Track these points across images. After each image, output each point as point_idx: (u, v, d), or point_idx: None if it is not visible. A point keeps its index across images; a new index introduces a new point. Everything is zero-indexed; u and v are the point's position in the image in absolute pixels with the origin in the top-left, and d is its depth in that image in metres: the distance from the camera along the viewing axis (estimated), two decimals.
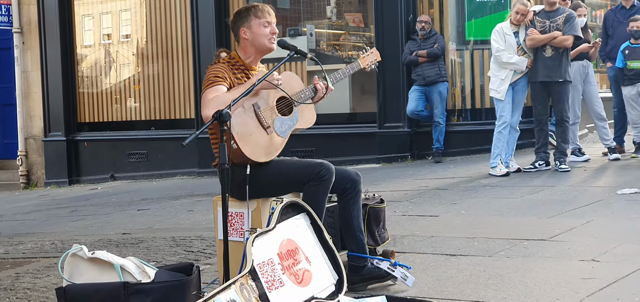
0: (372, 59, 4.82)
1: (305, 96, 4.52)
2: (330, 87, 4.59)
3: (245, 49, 4.53)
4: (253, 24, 4.48)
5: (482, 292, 4.19)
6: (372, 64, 4.82)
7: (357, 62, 4.81)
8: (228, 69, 4.41)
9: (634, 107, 9.51)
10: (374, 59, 4.83)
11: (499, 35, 8.75)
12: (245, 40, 4.51)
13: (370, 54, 4.83)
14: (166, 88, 13.17)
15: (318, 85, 4.55)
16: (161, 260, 5.69)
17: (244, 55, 4.53)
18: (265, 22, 4.49)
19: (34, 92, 14.22)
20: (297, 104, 4.49)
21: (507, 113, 8.69)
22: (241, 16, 4.54)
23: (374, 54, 4.84)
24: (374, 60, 4.83)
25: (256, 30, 4.48)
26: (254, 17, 4.49)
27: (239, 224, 4.36)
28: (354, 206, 4.48)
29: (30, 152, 14.49)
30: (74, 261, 3.79)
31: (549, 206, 6.73)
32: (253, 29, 4.48)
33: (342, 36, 12.52)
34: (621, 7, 10.18)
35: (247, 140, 4.28)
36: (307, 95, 4.53)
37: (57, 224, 8.66)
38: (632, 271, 4.43)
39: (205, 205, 8.33)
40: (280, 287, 3.78)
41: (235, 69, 4.45)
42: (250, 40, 4.50)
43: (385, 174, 10.02)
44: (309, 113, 4.60)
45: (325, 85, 4.57)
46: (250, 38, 4.49)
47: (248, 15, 4.51)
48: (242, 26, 4.51)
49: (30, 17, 14.15)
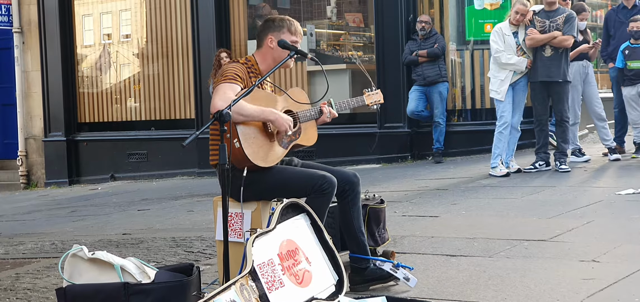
0: (376, 99, 4.94)
1: (310, 115, 4.58)
2: (335, 113, 4.66)
3: (265, 57, 4.53)
4: (283, 37, 4.48)
5: (482, 293, 4.19)
6: (375, 103, 4.93)
7: (362, 98, 4.91)
8: (246, 71, 4.42)
9: (634, 107, 9.51)
10: (378, 100, 4.94)
11: (498, 35, 8.75)
12: (269, 49, 4.51)
13: (374, 93, 4.94)
14: (166, 88, 13.17)
15: (324, 109, 4.61)
16: (161, 260, 5.69)
17: (261, 62, 4.53)
18: (295, 40, 4.51)
19: (34, 92, 14.23)
20: (302, 120, 4.54)
21: (507, 113, 8.68)
22: (274, 25, 4.53)
23: (379, 95, 4.95)
24: (377, 101, 4.94)
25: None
26: (287, 31, 4.50)
27: (239, 224, 4.36)
28: (353, 207, 4.48)
29: (30, 152, 14.49)
30: (74, 262, 3.79)
31: (549, 207, 6.72)
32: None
33: (342, 36, 12.52)
34: (622, 7, 10.17)
35: (249, 142, 4.29)
36: (312, 115, 4.59)
37: (57, 224, 8.66)
38: (633, 272, 4.43)
39: (206, 205, 8.33)
40: (281, 288, 3.78)
41: (251, 73, 4.46)
42: (273, 51, 4.50)
43: (385, 174, 10.02)
44: (312, 132, 4.65)
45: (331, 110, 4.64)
46: (274, 48, 4.49)
47: (281, 27, 4.51)
48: (271, 34, 4.51)
49: (31, 17, 14.16)
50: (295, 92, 4.60)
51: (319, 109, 4.61)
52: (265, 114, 4.32)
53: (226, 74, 4.34)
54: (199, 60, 12.48)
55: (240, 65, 4.44)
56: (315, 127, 4.68)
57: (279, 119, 4.34)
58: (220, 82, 4.31)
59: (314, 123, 4.65)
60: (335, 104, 4.69)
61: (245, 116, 4.25)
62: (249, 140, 4.29)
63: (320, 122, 4.66)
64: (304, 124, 4.58)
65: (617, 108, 9.98)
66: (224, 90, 4.23)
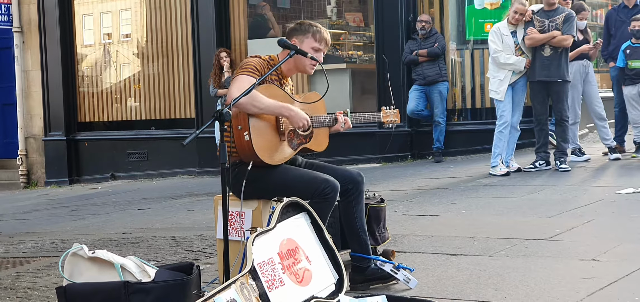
0: (393, 119, 4.91)
1: (324, 122, 4.55)
2: (350, 124, 4.63)
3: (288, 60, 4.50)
4: (308, 41, 4.47)
5: (482, 292, 4.19)
6: (391, 123, 4.91)
7: (379, 114, 4.89)
8: (266, 67, 4.39)
9: (635, 106, 9.51)
10: (394, 120, 4.92)
11: (496, 35, 8.75)
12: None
13: (392, 113, 4.91)
14: (166, 87, 13.17)
15: (340, 118, 4.58)
16: (161, 259, 5.70)
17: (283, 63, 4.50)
18: (318, 47, 4.49)
19: (34, 91, 14.22)
20: (315, 125, 4.51)
21: (507, 113, 8.69)
22: (301, 29, 4.52)
23: (396, 115, 4.92)
24: (393, 121, 4.92)
25: (307, 48, 4.46)
26: (312, 37, 4.48)
27: (239, 223, 4.36)
28: (356, 206, 4.48)
29: (30, 152, 14.49)
30: (75, 260, 3.79)
31: (549, 206, 6.73)
32: (304, 47, 4.46)
33: (343, 36, 12.51)
34: (623, 6, 10.16)
35: (259, 136, 4.28)
36: (327, 121, 4.57)
37: (58, 223, 8.66)
38: (633, 271, 4.43)
39: (206, 204, 8.33)
40: (281, 287, 3.78)
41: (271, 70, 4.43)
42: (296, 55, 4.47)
43: (385, 173, 10.02)
44: (323, 137, 4.62)
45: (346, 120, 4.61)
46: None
47: (308, 32, 4.50)
48: (297, 37, 4.49)
49: (31, 17, 14.15)
50: (313, 96, 4.57)
51: (335, 117, 4.58)
52: (281, 109, 4.30)
53: (245, 66, 4.33)
54: (199, 59, 12.48)
55: (261, 60, 4.41)
56: (327, 134, 4.64)
57: (296, 115, 4.31)
58: (238, 73, 4.32)
59: (327, 130, 4.62)
60: (351, 115, 4.67)
61: (260, 108, 4.21)
62: (259, 134, 4.28)
63: (333, 131, 4.63)
64: (317, 129, 4.55)
65: (618, 107, 9.98)
66: (242, 81, 4.22)
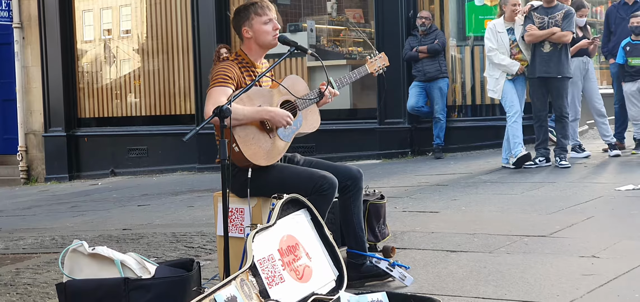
0: (380, 64, 4.76)
1: (310, 101, 4.47)
2: (336, 92, 4.56)
3: (250, 47, 4.48)
4: (255, 22, 4.43)
5: (482, 289, 4.19)
6: (379, 69, 4.76)
7: (364, 67, 4.76)
8: (237, 67, 4.37)
9: (635, 103, 9.51)
10: (382, 64, 4.77)
11: (492, 33, 8.75)
12: (249, 40, 4.47)
13: (377, 58, 4.77)
14: (166, 84, 13.17)
15: (324, 89, 4.52)
16: (161, 256, 5.70)
17: (249, 53, 4.48)
18: (267, 19, 4.44)
19: (34, 87, 14.23)
20: (302, 108, 4.45)
21: (516, 103, 8.67)
22: (242, 15, 4.48)
23: (382, 59, 4.78)
24: (381, 66, 4.77)
25: (258, 28, 4.43)
26: (255, 15, 4.44)
27: (239, 220, 4.35)
28: (354, 203, 4.47)
29: (30, 148, 14.50)
30: (75, 257, 3.80)
31: (549, 202, 6.72)
32: (255, 27, 4.43)
33: (343, 32, 12.52)
34: (623, 3, 10.16)
35: (249, 144, 4.23)
36: (312, 100, 4.49)
37: (58, 219, 8.66)
38: (632, 267, 4.43)
39: (206, 201, 8.33)
40: (281, 283, 3.78)
41: (242, 67, 4.41)
42: (254, 39, 4.45)
43: (385, 170, 10.02)
44: (314, 117, 4.55)
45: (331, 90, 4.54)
46: (254, 36, 4.44)
47: (248, 13, 4.46)
48: (244, 25, 4.46)
49: (31, 12, 14.15)
50: (290, 80, 4.49)
51: (318, 91, 4.51)
52: (260, 113, 4.25)
53: (216, 77, 4.28)
54: (199, 55, 12.48)
55: (230, 63, 4.37)
56: (317, 112, 4.57)
57: (275, 116, 4.27)
58: (211, 87, 4.26)
59: (316, 107, 4.55)
60: (335, 82, 4.56)
61: (239, 120, 4.15)
62: (248, 141, 4.23)
63: (322, 104, 4.56)
64: (305, 110, 4.48)
65: (618, 104, 9.98)
66: (216, 96, 4.18)
